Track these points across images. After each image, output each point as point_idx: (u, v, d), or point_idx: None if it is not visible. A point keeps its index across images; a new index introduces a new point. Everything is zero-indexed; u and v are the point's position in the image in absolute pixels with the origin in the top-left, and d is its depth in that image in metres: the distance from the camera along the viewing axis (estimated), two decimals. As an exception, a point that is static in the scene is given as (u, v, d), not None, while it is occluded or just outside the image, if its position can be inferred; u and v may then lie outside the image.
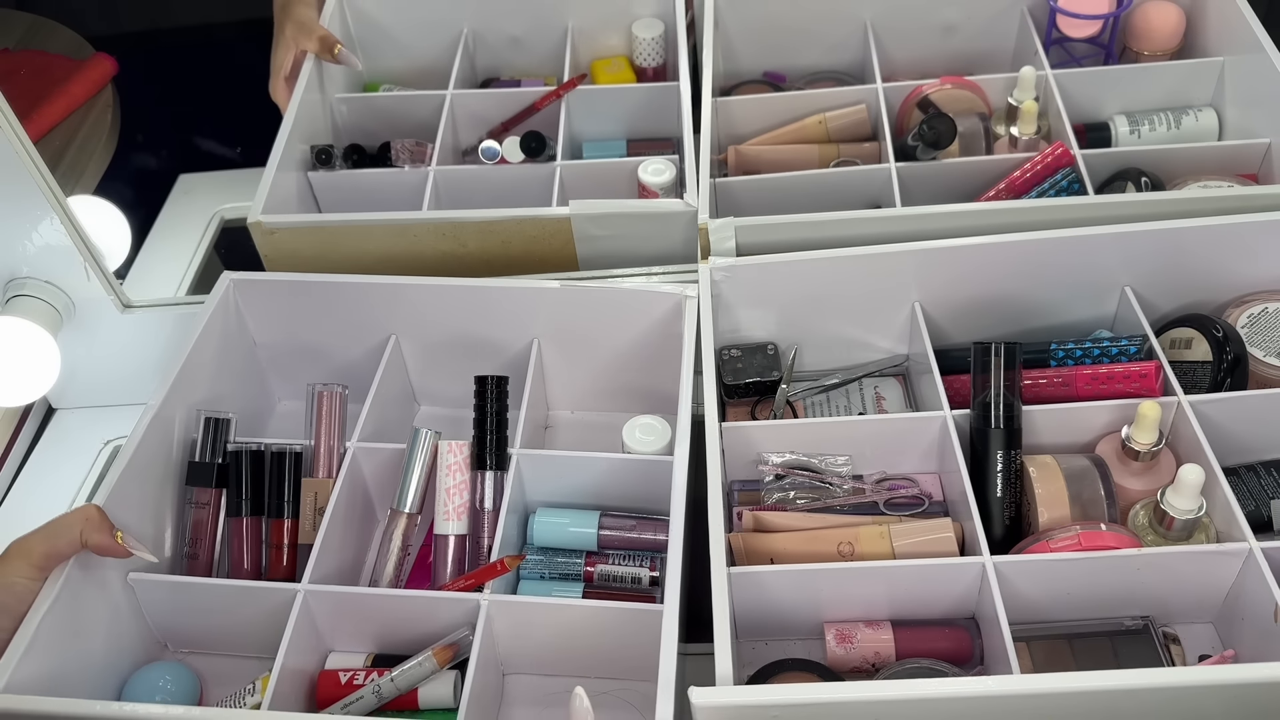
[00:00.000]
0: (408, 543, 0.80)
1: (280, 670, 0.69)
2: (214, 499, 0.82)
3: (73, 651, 0.70)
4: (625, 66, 1.17)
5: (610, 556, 0.81)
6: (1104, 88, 1.03)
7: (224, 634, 0.79)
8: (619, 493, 0.82)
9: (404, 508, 0.80)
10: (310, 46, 1.06)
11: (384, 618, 0.76)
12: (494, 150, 1.00)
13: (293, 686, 0.72)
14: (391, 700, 0.73)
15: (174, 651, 0.81)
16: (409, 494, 0.79)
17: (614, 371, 0.92)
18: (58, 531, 0.69)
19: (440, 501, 0.79)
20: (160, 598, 0.77)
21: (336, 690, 0.75)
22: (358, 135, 1.13)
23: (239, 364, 0.91)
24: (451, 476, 0.79)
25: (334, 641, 0.78)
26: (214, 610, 0.77)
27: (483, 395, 0.80)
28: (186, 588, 0.77)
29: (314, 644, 0.76)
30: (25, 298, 0.98)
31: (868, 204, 0.97)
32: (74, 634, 0.70)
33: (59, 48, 1.40)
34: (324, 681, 0.75)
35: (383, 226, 0.92)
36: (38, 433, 1.08)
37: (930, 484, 0.83)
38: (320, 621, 0.76)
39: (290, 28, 1.07)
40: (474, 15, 1.17)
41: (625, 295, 0.86)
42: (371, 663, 0.77)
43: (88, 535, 0.69)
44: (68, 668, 0.70)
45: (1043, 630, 0.74)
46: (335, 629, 0.77)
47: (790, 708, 0.60)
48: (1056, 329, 0.89)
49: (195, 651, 0.81)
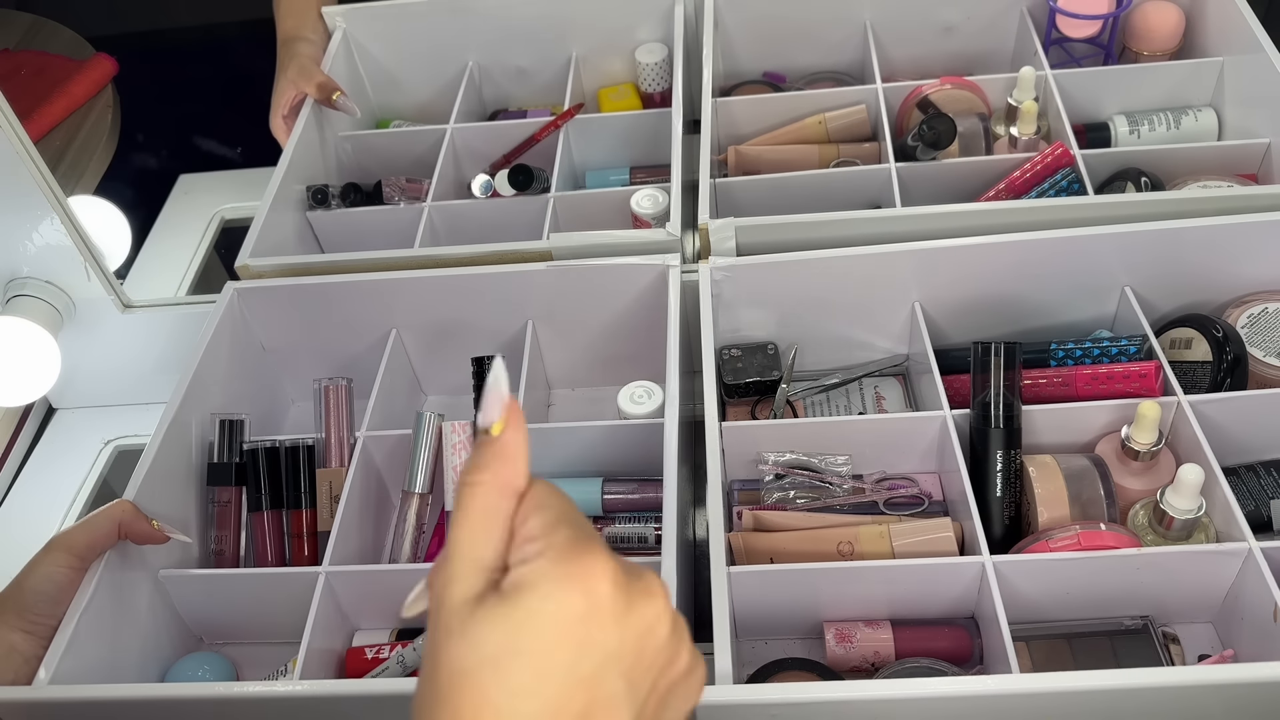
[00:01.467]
0: (421, 521, 0.83)
1: (307, 650, 0.72)
2: (235, 497, 0.85)
3: (112, 648, 0.72)
4: (632, 93, 1.17)
5: (616, 519, 0.83)
6: (1104, 88, 1.03)
7: (254, 622, 0.82)
8: (618, 457, 0.85)
9: (415, 488, 0.83)
10: (310, 91, 1.05)
11: (402, 593, 0.76)
12: (489, 184, 1.00)
13: (321, 666, 0.75)
14: (416, 669, 0.76)
15: (208, 643, 0.84)
16: (418, 475, 0.83)
17: (606, 343, 0.94)
18: (97, 524, 0.71)
19: (449, 480, 0.82)
20: (191, 591, 0.80)
21: (363, 665, 0.78)
22: (362, 172, 1.13)
23: (251, 369, 0.92)
24: (458, 455, 0.82)
25: (359, 620, 0.81)
26: (242, 599, 0.80)
27: (480, 375, 0.83)
28: (214, 579, 0.80)
29: (339, 624, 0.79)
30: (25, 298, 0.98)
31: (868, 204, 0.97)
32: (113, 631, 0.72)
33: (59, 48, 1.40)
34: (351, 658, 0.79)
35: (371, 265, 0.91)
36: (38, 433, 1.08)
37: (930, 484, 0.83)
38: (344, 601, 0.78)
39: (293, 68, 1.07)
40: (479, 49, 1.17)
41: (611, 270, 0.87)
42: (395, 638, 0.80)
43: (126, 526, 0.71)
44: (108, 664, 0.72)
45: (1042, 630, 0.74)
46: (358, 608, 0.80)
47: (790, 707, 0.60)
48: (1056, 329, 0.89)
49: (229, 642, 0.84)
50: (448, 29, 1.15)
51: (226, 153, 1.50)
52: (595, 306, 0.90)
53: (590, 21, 1.13)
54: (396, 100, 1.21)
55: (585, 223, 0.97)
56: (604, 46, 1.16)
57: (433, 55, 1.17)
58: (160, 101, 1.54)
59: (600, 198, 1.01)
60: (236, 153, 1.47)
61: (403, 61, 1.18)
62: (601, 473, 0.85)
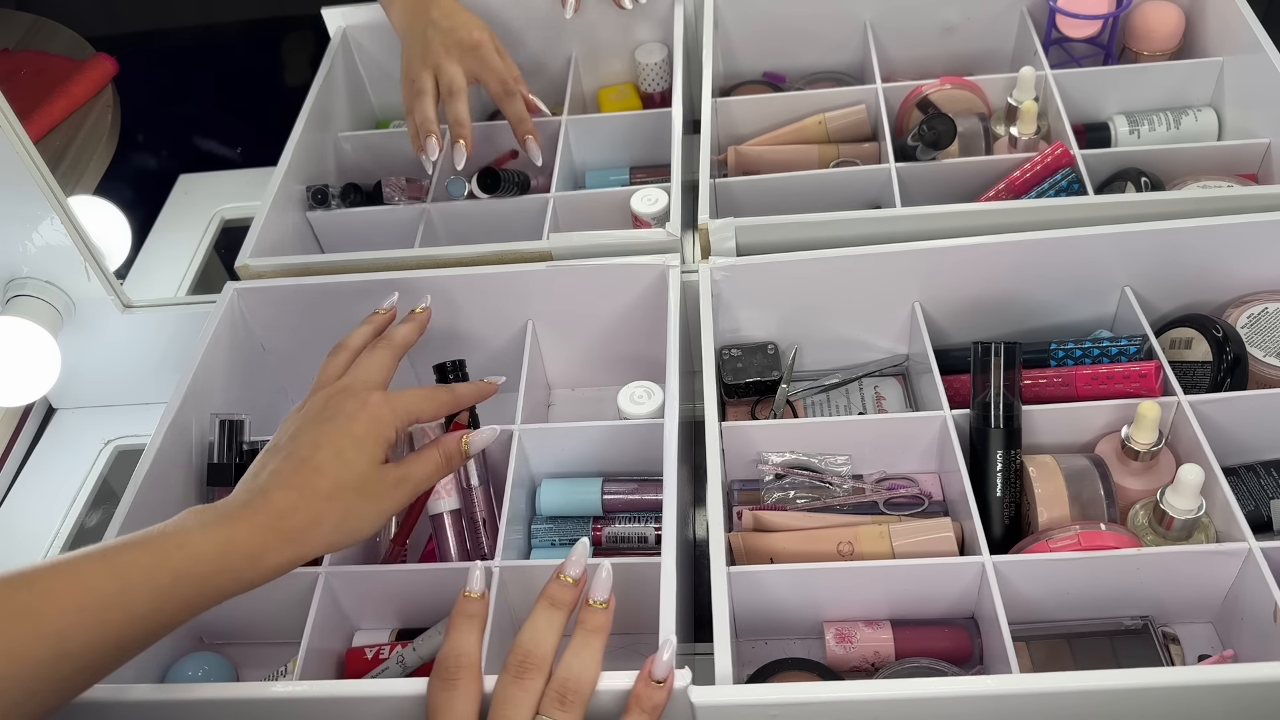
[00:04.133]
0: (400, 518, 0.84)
1: (307, 650, 0.72)
2: None
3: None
4: (632, 93, 1.17)
5: (616, 519, 0.83)
6: (1103, 88, 1.03)
7: (254, 622, 0.81)
8: (619, 457, 0.84)
9: None
10: (493, 87, 0.97)
11: (402, 592, 0.78)
12: (461, 185, 1.00)
13: (321, 666, 0.75)
14: (416, 669, 0.77)
15: (208, 643, 0.84)
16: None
17: (606, 343, 0.94)
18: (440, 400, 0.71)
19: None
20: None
21: (363, 665, 0.78)
22: (362, 172, 1.13)
23: (251, 369, 0.92)
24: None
25: (358, 620, 0.81)
26: (242, 599, 0.78)
27: (444, 380, 0.82)
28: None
29: (339, 624, 0.79)
30: (25, 298, 0.98)
31: (868, 204, 0.97)
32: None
33: (59, 48, 1.40)
34: (351, 659, 0.79)
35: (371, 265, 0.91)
36: (38, 433, 1.08)
37: (930, 484, 0.83)
38: (343, 601, 0.78)
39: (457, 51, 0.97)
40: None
41: (611, 270, 0.87)
42: (395, 637, 0.80)
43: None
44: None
45: (1042, 630, 0.74)
46: (358, 608, 0.80)
47: (789, 707, 0.60)
48: (1056, 329, 0.89)
49: (229, 643, 0.84)
50: (447, 29, 1.15)
51: (226, 153, 1.50)
52: (595, 307, 0.90)
53: (590, 21, 1.13)
54: (397, 100, 1.20)
55: (585, 223, 0.97)
56: (604, 46, 1.16)
57: (433, 55, 1.17)
58: (160, 101, 1.53)
59: (600, 198, 1.01)
60: (236, 153, 1.47)
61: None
62: (601, 473, 0.85)
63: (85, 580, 0.54)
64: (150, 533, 0.58)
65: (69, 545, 0.97)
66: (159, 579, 0.56)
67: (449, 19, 0.98)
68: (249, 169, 1.36)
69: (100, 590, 0.54)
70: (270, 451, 0.64)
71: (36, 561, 0.55)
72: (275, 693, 0.63)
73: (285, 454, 0.63)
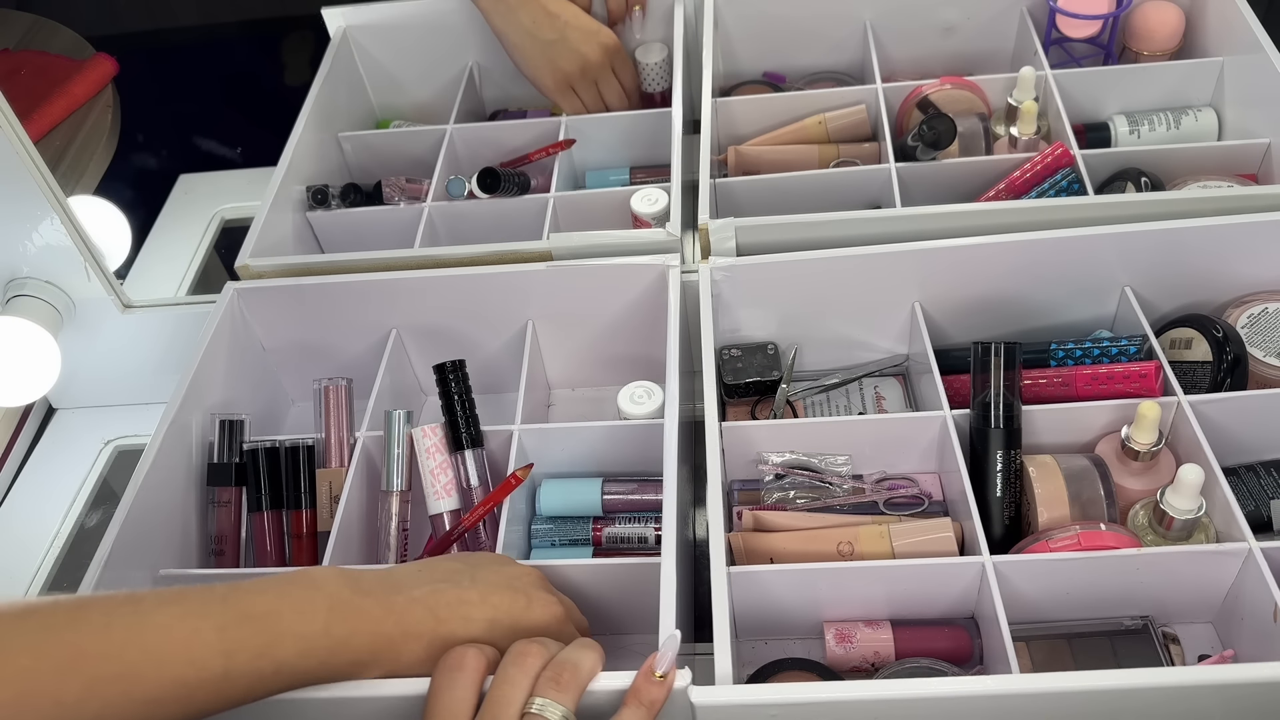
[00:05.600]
0: (404, 519, 0.83)
1: None
2: (235, 497, 0.85)
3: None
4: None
5: (616, 519, 0.83)
6: (1104, 88, 1.03)
7: None
8: (619, 457, 0.85)
9: (391, 487, 0.83)
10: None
11: None
12: (461, 185, 1.00)
13: None
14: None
15: None
16: (394, 473, 0.83)
17: (606, 343, 0.94)
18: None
19: (427, 484, 0.82)
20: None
21: None
22: (362, 172, 1.13)
23: (250, 369, 0.92)
24: (431, 459, 0.82)
25: None
26: None
27: (444, 381, 0.82)
28: (214, 579, 0.78)
29: None
30: (25, 298, 0.98)
31: (868, 204, 0.97)
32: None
33: (59, 48, 1.40)
34: None
35: (371, 265, 0.91)
36: (38, 433, 1.08)
37: (930, 484, 0.83)
38: None
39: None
40: (479, 50, 1.16)
41: (611, 270, 0.87)
42: None
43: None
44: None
45: (1042, 630, 0.74)
46: None
47: (789, 707, 0.60)
48: (1056, 329, 0.89)
49: None
50: (448, 29, 1.15)
51: (226, 153, 1.49)
52: (595, 306, 0.90)
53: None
54: (396, 100, 1.21)
55: (585, 223, 0.97)
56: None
57: (433, 55, 1.17)
58: (160, 101, 1.53)
59: (600, 198, 1.01)
60: (236, 153, 1.47)
61: (403, 61, 1.18)
62: (601, 473, 0.85)
63: (194, 652, 0.52)
64: (270, 603, 0.55)
65: (69, 545, 0.97)
66: (261, 667, 0.54)
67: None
68: (249, 169, 1.36)
69: (204, 667, 0.52)
70: (452, 569, 0.64)
71: (143, 594, 0.52)
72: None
73: (456, 585, 0.62)
